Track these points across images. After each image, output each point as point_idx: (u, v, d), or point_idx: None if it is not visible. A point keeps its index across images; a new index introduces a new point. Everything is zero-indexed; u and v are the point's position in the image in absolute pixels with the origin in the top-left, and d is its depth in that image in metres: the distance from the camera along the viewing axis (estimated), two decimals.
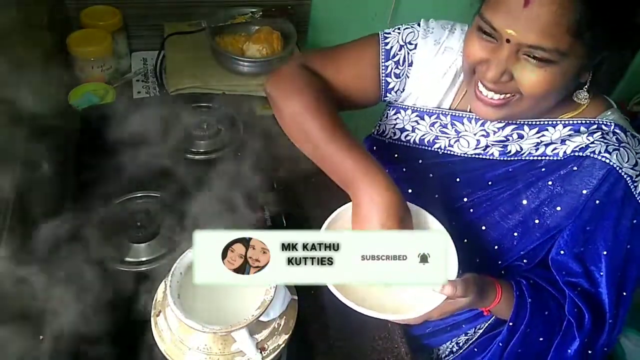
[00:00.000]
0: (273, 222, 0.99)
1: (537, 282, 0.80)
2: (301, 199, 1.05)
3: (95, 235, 0.91)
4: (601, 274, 0.75)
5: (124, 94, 1.26)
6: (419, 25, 0.84)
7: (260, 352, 0.63)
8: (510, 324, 0.78)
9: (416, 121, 0.87)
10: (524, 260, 0.84)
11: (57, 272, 0.86)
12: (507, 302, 0.76)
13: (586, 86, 0.73)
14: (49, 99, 1.10)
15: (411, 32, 0.84)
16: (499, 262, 0.85)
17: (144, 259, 0.90)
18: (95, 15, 1.26)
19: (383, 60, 0.85)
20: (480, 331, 0.90)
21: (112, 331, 0.74)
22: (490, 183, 0.83)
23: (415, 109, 0.87)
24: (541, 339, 0.78)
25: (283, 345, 0.65)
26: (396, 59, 0.84)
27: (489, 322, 0.88)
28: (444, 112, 0.85)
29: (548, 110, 0.77)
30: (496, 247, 0.84)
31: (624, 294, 0.76)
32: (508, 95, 0.71)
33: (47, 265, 0.87)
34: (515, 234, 0.82)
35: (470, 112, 0.83)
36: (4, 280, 0.75)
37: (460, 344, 0.93)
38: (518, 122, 0.79)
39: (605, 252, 0.74)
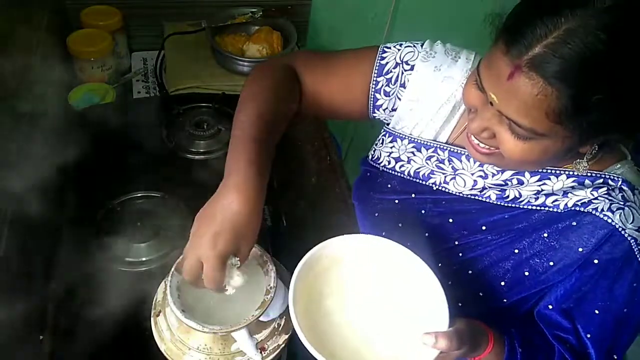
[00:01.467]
0: (273, 222, 0.99)
1: (525, 332, 0.74)
2: (301, 199, 1.05)
3: (94, 235, 0.91)
4: (588, 335, 0.70)
5: (124, 94, 1.26)
6: (422, 45, 0.80)
7: (260, 352, 0.63)
8: None
9: (412, 152, 0.83)
10: (507, 311, 0.79)
11: (57, 272, 0.87)
12: (497, 351, 0.69)
13: (587, 157, 0.70)
14: (49, 98, 1.10)
15: (411, 51, 0.79)
16: (481, 310, 0.80)
17: (144, 259, 0.90)
18: (95, 15, 1.26)
19: (375, 75, 0.81)
20: None
21: (112, 331, 0.75)
22: (484, 228, 0.78)
23: (412, 139, 0.83)
24: None
25: (283, 345, 0.65)
26: (389, 76, 0.80)
27: None
28: (442, 147, 0.80)
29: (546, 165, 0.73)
30: (481, 294, 0.79)
31: (615, 357, 0.71)
32: (492, 148, 0.69)
33: (47, 265, 0.87)
34: (503, 283, 0.77)
35: None
36: (4, 279, 0.75)
37: None
38: None
39: (597, 311, 0.70)
